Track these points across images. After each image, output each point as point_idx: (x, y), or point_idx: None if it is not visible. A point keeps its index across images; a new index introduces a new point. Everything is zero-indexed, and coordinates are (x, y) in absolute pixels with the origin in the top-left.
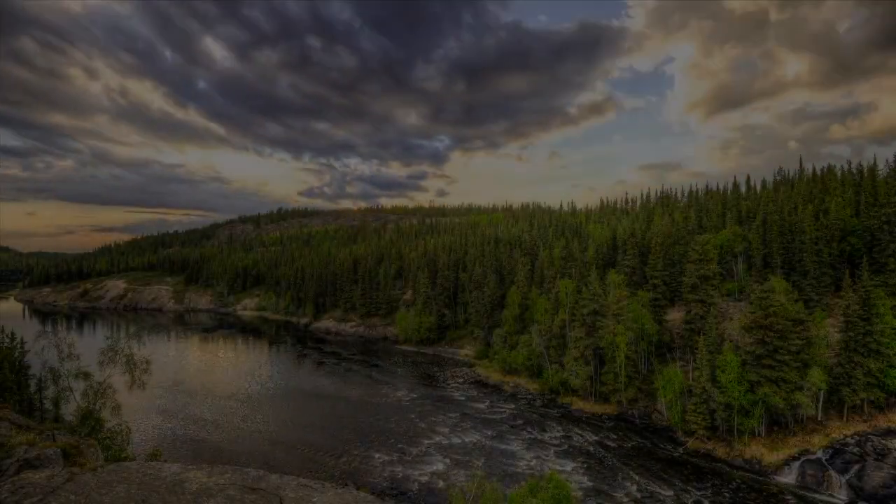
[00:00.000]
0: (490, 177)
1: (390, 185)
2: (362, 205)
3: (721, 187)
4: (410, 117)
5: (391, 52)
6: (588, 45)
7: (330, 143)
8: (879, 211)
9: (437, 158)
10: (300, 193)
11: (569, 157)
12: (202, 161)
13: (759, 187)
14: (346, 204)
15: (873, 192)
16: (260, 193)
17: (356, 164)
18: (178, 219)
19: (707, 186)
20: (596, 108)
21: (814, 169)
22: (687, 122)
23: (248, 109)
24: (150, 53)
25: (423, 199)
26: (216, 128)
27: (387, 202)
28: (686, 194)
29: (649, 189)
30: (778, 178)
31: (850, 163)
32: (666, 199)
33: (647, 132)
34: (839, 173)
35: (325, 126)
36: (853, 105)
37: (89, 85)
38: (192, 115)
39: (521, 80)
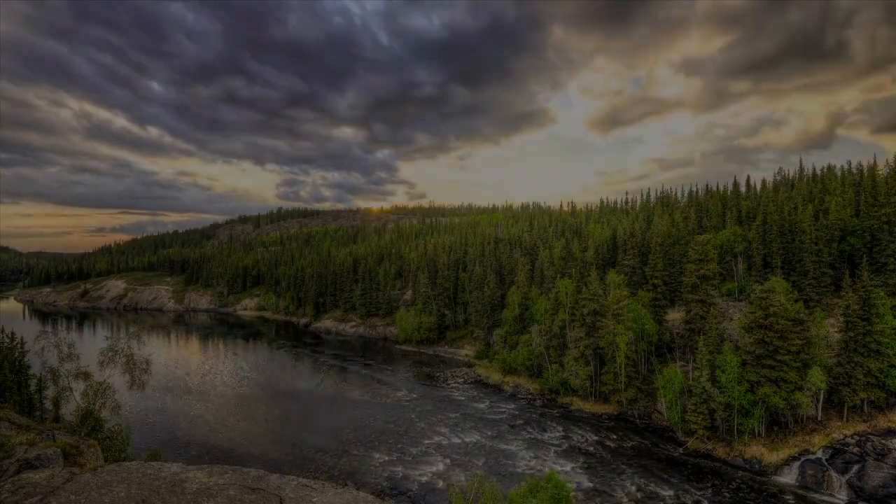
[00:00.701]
0: (441, 180)
1: (357, 190)
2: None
3: (721, 188)
4: (346, 134)
5: (303, 88)
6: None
7: (288, 157)
8: (879, 211)
9: (388, 167)
10: (278, 196)
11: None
12: (177, 170)
13: (759, 187)
14: (325, 207)
15: (873, 192)
16: (242, 198)
17: (320, 173)
18: (169, 220)
19: (707, 186)
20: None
21: (814, 169)
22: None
23: (201, 129)
24: (102, 90)
25: (395, 201)
26: (181, 143)
27: (363, 204)
28: (686, 194)
29: (649, 189)
30: (778, 178)
31: (849, 163)
32: (666, 199)
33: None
34: (839, 173)
35: (276, 142)
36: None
37: (58, 110)
38: (153, 133)
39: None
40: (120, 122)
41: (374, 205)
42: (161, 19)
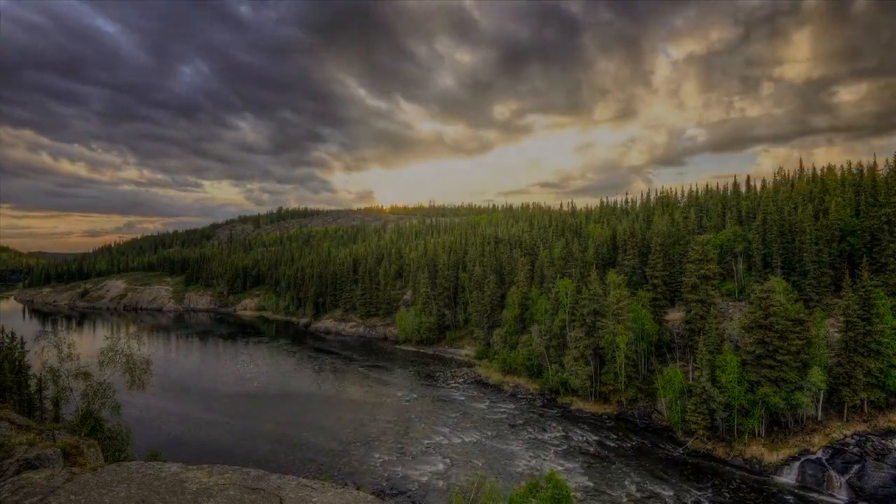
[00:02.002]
0: (390, 183)
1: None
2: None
3: (720, 188)
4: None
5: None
6: None
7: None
8: (879, 211)
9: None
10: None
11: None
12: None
13: (759, 187)
14: (326, 207)
15: (873, 192)
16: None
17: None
18: (160, 226)
19: (707, 186)
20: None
21: (814, 169)
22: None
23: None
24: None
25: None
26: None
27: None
28: (686, 194)
29: (649, 189)
30: (778, 178)
31: (849, 163)
32: (666, 199)
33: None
34: (839, 173)
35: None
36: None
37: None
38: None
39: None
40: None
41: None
42: None
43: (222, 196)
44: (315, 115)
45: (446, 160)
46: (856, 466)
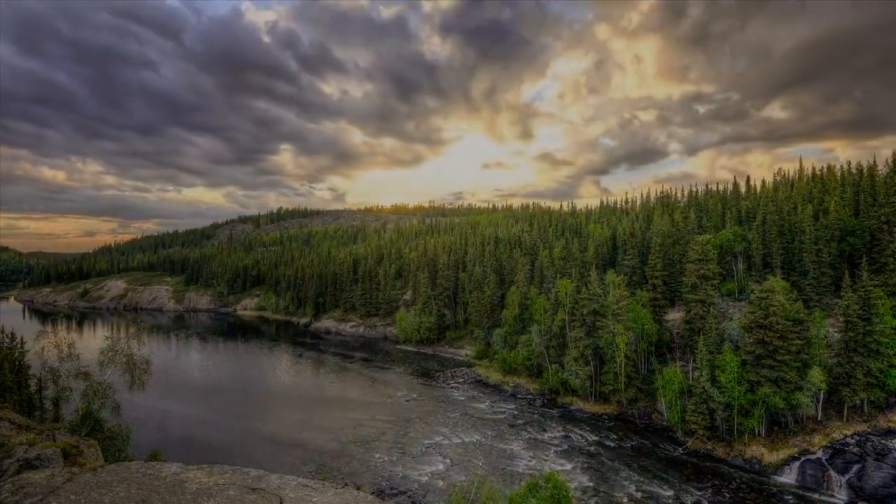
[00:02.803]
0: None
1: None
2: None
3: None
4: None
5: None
6: None
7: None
8: (879, 211)
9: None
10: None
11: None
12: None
13: (758, 187)
14: (326, 207)
15: (873, 192)
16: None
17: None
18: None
19: (707, 186)
20: None
21: (813, 169)
22: None
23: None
24: None
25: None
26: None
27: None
28: (686, 194)
29: (649, 189)
30: (777, 178)
31: (849, 163)
32: (666, 199)
33: None
34: (839, 173)
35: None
36: None
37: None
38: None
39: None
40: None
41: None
42: None
43: (203, 199)
44: (267, 133)
45: (388, 170)
46: (856, 466)
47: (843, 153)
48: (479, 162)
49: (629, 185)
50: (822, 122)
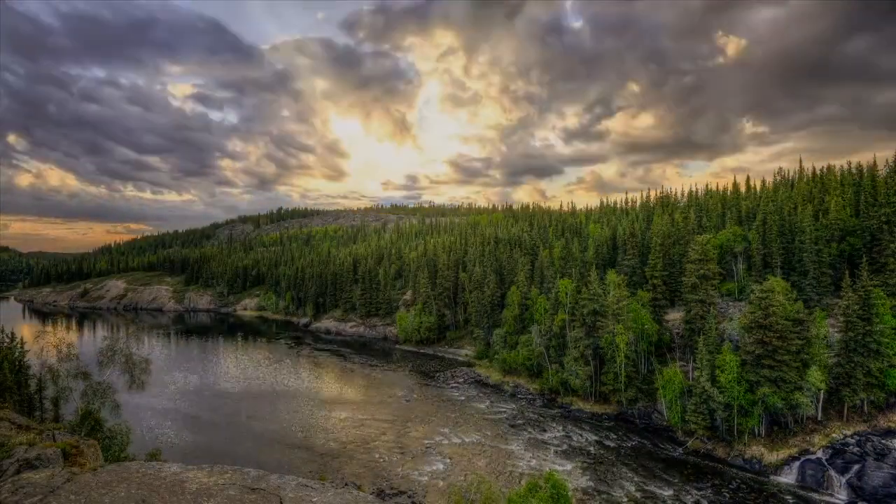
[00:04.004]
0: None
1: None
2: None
3: (720, 188)
4: None
5: None
6: None
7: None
8: (879, 211)
9: None
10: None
11: None
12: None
13: (759, 187)
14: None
15: (873, 192)
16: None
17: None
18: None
19: (707, 186)
20: None
21: (813, 169)
22: None
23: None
24: None
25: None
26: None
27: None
28: (686, 194)
29: (649, 189)
30: (778, 178)
31: (849, 163)
32: (666, 199)
33: None
34: (839, 173)
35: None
36: None
37: None
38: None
39: None
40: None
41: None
42: None
43: (184, 202)
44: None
45: None
46: (856, 466)
47: None
48: None
49: None
50: None
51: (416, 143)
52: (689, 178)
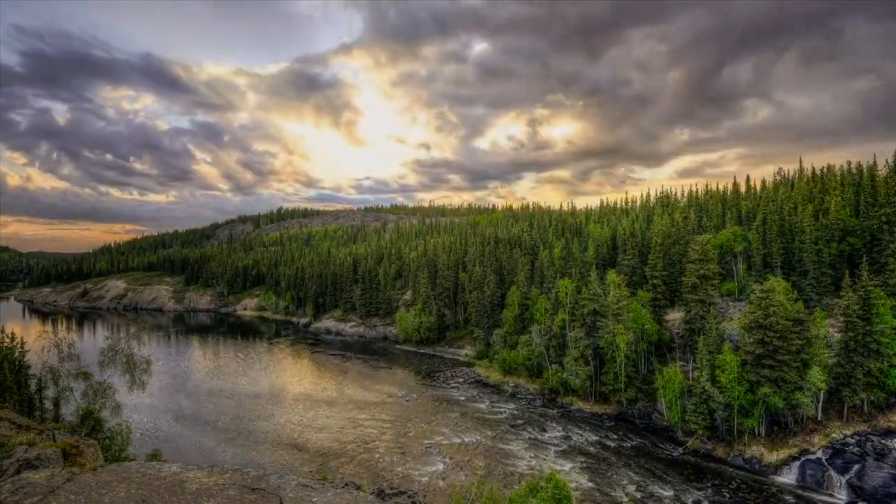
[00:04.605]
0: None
1: None
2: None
3: (720, 188)
4: None
5: None
6: None
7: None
8: (879, 211)
9: None
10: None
11: None
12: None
13: (759, 187)
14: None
15: (873, 192)
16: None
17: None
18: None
19: (707, 186)
20: None
21: (813, 169)
22: None
23: None
24: None
25: None
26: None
27: None
28: (686, 194)
29: (649, 189)
30: (778, 178)
31: (849, 163)
32: (666, 199)
33: None
34: (839, 173)
35: None
36: None
37: None
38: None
39: None
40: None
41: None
42: None
43: (169, 203)
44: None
45: None
46: (856, 466)
47: None
48: None
49: None
50: None
51: (381, 149)
52: (632, 185)
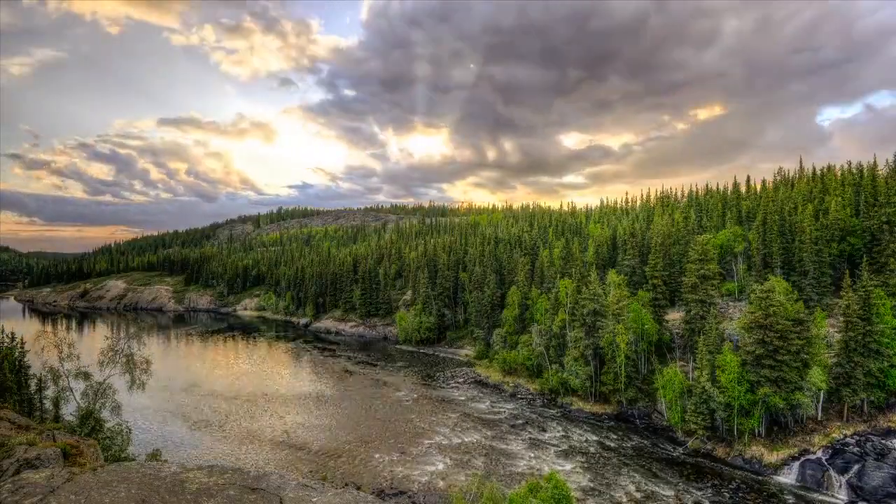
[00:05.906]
0: None
1: None
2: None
3: (720, 187)
4: None
5: None
6: None
7: None
8: (879, 211)
9: None
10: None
11: None
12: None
13: (759, 187)
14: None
15: (873, 192)
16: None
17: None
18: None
19: (707, 186)
20: None
21: (813, 169)
22: None
23: None
24: None
25: None
26: None
27: None
28: (686, 194)
29: (649, 189)
30: (778, 177)
31: (849, 163)
32: (666, 199)
33: None
34: (839, 173)
35: None
36: None
37: None
38: None
39: None
40: None
41: None
42: None
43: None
44: None
45: None
46: (856, 466)
47: None
48: None
49: None
50: None
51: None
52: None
